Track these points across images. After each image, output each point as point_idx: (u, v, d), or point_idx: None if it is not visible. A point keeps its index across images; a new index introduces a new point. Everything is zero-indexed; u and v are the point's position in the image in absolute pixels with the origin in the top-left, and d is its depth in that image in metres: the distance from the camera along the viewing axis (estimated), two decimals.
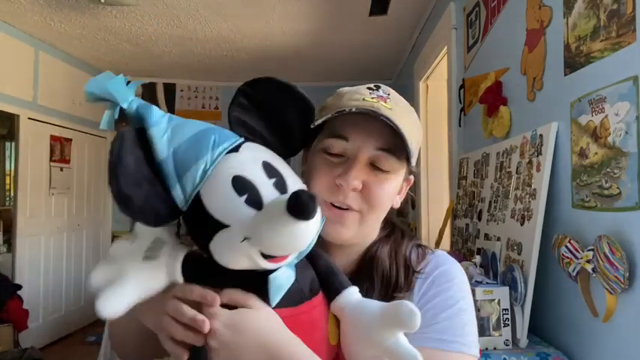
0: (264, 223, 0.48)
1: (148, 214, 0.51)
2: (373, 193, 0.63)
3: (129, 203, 0.49)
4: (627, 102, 0.95)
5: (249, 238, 0.49)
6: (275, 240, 0.48)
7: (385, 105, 0.63)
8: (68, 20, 3.22)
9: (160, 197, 0.51)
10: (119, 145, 0.50)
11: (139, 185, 0.50)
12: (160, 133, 0.52)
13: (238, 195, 0.50)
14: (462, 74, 2.19)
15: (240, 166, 0.52)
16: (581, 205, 1.11)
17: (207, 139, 0.53)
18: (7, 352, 2.86)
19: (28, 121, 3.51)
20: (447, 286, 0.67)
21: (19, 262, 3.46)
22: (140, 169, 0.51)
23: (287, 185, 0.53)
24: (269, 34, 3.44)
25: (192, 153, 0.52)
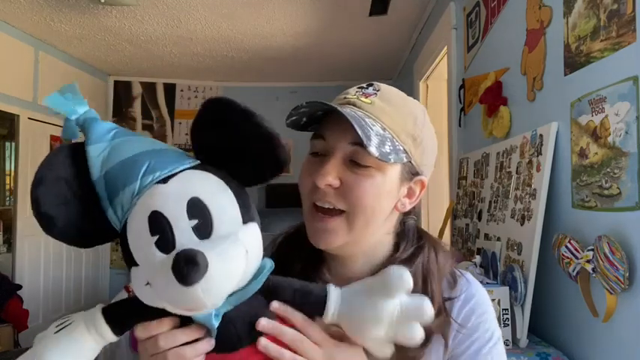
0: (160, 277, 0.44)
1: (73, 235, 0.50)
2: (351, 191, 0.60)
3: (50, 224, 0.48)
4: (627, 102, 0.95)
5: (151, 285, 0.46)
6: (170, 297, 0.45)
7: (364, 100, 0.62)
8: (68, 20, 3.22)
9: (90, 217, 0.49)
10: (45, 164, 0.49)
11: (66, 203, 0.48)
12: (97, 152, 0.50)
13: (150, 234, 0.46)
14: (461, 74, 2.19)
15: (163, 201, 0.47)
16: (581, 205, 1.11)
17: (139, 164, 0.49)
18: (7, 352, 2.86)
19: (28, 121, 3.51)
20: (483, 318, 0.66)
21: (19, 262, 3.46)
22: (70, 188, 0.49)
23: (212, 229, 0.47)
24: (269, 34, 3.44)
25: (122, 178, 0.49)
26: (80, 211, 0.49)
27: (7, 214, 3.55)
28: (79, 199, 0.49)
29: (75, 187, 0.49)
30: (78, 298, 4.19)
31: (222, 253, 0.45)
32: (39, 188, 0.47)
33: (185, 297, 0.44)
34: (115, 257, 4.74)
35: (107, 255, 4.71)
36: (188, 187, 0.49)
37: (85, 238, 0.51)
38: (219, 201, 0.49)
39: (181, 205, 0.47)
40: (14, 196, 3.50)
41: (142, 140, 0.52)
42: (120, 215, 0.49)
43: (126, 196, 0.48)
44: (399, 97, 0.66)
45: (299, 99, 3.25)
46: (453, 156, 2.27)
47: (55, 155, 0.50)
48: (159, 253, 0.45)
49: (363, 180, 0.60)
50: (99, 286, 4.56)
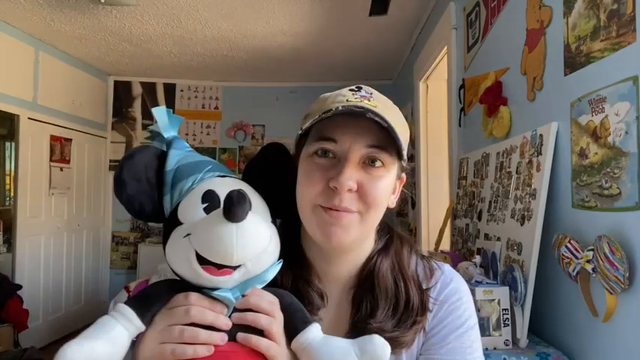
0: (204, 222, 0.54)
1: (133, 205, 0.61)
2: (369, 192, 0.62)
3: (122, 189, 0.59)
4: (627, 102, 0.95)
5: (190, 235, 0.54)
6: (206, 241, 0.53)
7: (369, 103, 0.62)
8: (68, 20, 3.22)
9: (150, 197, 0.61)
10: (139, 148, 0.62)
11: (138, 180, 0.60)
12: (176, 154, 0.63)
13: (201, 203, 0.57)
14: (462, 74, 2.19)
15: (217, 184, 0.59)
16: (581, 205, 1.11)
17: (205, 165, 0.62)
18: (7, 352, 2.86)
19: (28, 121, 3.51)
20: (456, 305, 0.69)
21: (19, 262, 3.46)
22: (146, 171, 0.61)
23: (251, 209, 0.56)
24: (269, 34, 3.44)
25: (189, 170, 0.61)
26: (146, 190, 0.61)
27: (7, 214, 3.55)
28: (148, 181, 0.61)
29: (150, 173, 0.62)
30: (78, 298, 4.19)
31: (257, 218, 0.56)
32: (127, 161, 0.60)
33: (222, 235, 0.52)
34: (114, 257, 4.75)
35: (107, 255, 4.71)
36: (238, 184, 0.61)
37: (142, 211, 0.61)
38: (256, 200, 0.61)
39: (230, 190, 0.55)
40: (14, 196, 3.50)
41: (208, 158, 0.66)
42: (176, 198, 0.60)
43: (188, 182, 0.60)
44: (388, 100, 0.68)
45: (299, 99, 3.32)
46: (453, 156, 2.27)
47: (147, 147, 0.63)
48: (203, 213, 0.56)
49: (378, 181, 0.63)
50: (99, 286, 4.56)
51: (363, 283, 0.69)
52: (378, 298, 0.67)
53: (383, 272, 0.68)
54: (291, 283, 0.67)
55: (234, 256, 0.53)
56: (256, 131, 4.81)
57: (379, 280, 0.68)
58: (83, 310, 4.22)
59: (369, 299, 0.67)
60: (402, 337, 0.65)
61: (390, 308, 0.66)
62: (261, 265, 0.57)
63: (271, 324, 0.56)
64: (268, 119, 4.75)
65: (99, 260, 4.59)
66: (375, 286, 0.68)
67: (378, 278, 0.68)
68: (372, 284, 0.68)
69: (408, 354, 0.67)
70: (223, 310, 0.56)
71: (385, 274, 0.68)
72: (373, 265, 0.69)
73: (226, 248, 0.52)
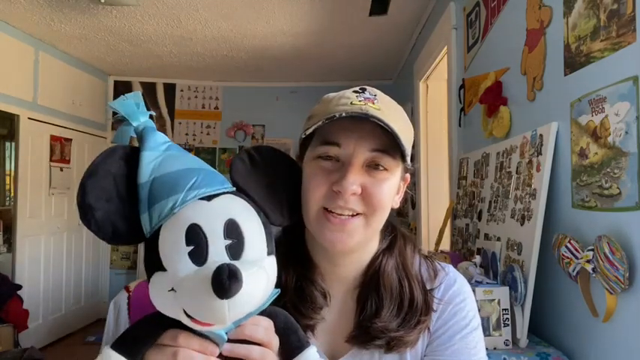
0: (190, 284, 0.47)
1: (106, 230, 0.52)
2: (373, 196, 0.62)
3: (88, 215, 0.51)
4: (627, 102, 0.95)
5: (175, 291, 0.48)
6: (194, 306, 0.47)
7: (373, 106, 0.62)
8: (68, 20, 3.22)
9: (125, 217, 0.52)
10: (102, 157, 0.52)
11: (107, 200, 0.51)
12: (150, 158, 0.53)
13: (186, 244, 0.48)
14: (462, 74, 2.19)
15: (203, 216, 0.50)
16: (581, 205, 1.11)
17: (188, 178, 0.52)
18: (7, 352, 2.86)
19: (28, 121, 3.51)
20: (461, 306, 0.69)
21: (19, 262, 3.46)
22: (117, 185, 0.52)
23: (243, 252, 0.50)
24: (269, 34, 3.44)
25: (168, 188, 0.51)
26: (119, 209, 0.52)
27: (7, 214, 3.55)
28: (120, 198, 0.52)
29: (120, 186, 0.52)
30: (78, 298, 4.19)
31: (252, 276, 0.48)
32: (89, 179, 0.51)
33: (212, 309, 0.46)
34: (114, 257, 4.74)
35: (107, 255, 4.71)
36: (228, 208, 0.52)
37: (117, 237, 0.53)
38: (252, 227, 0.52)
39: (220, 223, 0.49)
40: (14, 196, 3.50)
41: (192, 158, 0.56)
42: (155, 221, 0.51)
43: (168, 204, 0.50)
44: (392, 101, 0.68)
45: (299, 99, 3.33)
46: (453, 156, 2.27)
47: (111, 152, 0.53)
48: (190, 264, 0.48)
49: (382, 184, 0.63)
50: (99, 286, 4.56)
51: (368, 282, 0.69)
52: (383, 297, 0.67)
53: (388, 272, 0.69)
54: (295, 282, 0.67)
55: (226, 322, 0.48)
56: (256, 131, 4.81)
57: (384, 280, 0.68)
58: (83, 310, 4.22)
59: (374, 299, 0.67)
60: (407, 337, 0.65)
61: (394, 307, 0.67)
62: (254, 308, 0.52)
63: (264, 356, 0.54)
64: (268, 119, 4.75)
65: (99, 260, 4.59)
66: (380, 285, 0.68)
67: (383, 278, 0.68)
68: (377, 284, 0.68)
69: (412, 353, 0.67)
70: (214, 350, 0.52)
71: (390, 273, 0.69)
72: (378, 265, 0.69)
73: (218, 318, 0.47)
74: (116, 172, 0.52)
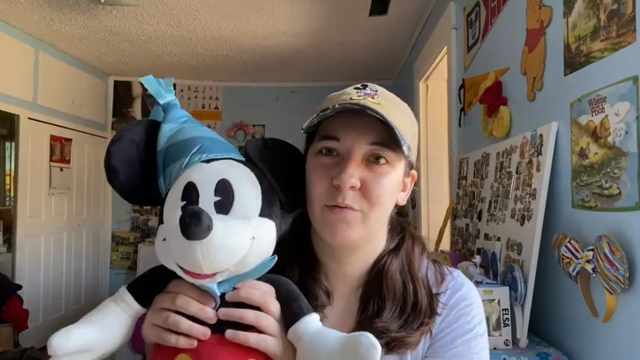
0: (173, 230, 0.50)
1: (127, 190, 0.58)
2: (372, 190, 0.62)
3: (113, 176, 0.57)
4: (627, 102, 0.95)
5: (165, 240, 0.52)
6: (175, 250, 0.51)
7: (373, 101, 0.62)
8: (68, 20, 3.22)
9: (144, 181, 0.58)
10: (127, 127, 0.59)
11: (129, 164, 0.57)
12: (168, 129, 0.59)
13: (181, 199, 0.54)
14: (462, 74, 2.19)
15: (199, 175, 0.55)
16: (581, 205, 1.11)
17: (194, 144, 0.58)
18: (7, 352, 2.86)
19: (28, 121, 3.51)
20: (466, 310, 0.68)
21: (19, 262, 3.46)
22: (138, 151, 0.58)
23: (231, 208, 0.54)
24: (269, 34, 3.44)
25: (177, 152, 0.57)
26: (140, 172, 0.58)
27: (7, 214, 3.54)
28: (141, 163, 0.58)
29: (142, 152, 0.59)
30: (78, 298, 4.19)
31: (228, 227, 0.51)
32: (115, 144, 0.57)
33: (186, 251, 0.50)
34: (115, 257, 4.75)
35: (107, 255, 4.71)
36: (224, 169, 0.56)
37: (137, 197, 0.59)
38: (244, 188, 0.56)
39: (212, 182, 0.54)
40: (14, 196, 3.50)
41: (204, 129, 0.62)
42: (167, 183, 0.57)
43: (175, 168, 0.57)
44: (395, 97, 0.67)
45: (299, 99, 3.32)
46: (453, 156, 2.27)
47: (137, 123, 0.60)
48: (180, 214, 0.51)
49: (381, 179, 0.62)
50: (99, 286, 4.56)
51: (372, 282, 0.69)
52: (386, 298, 0.67)
53: (392, 273, 0.68)
54: (299, 279, 0.67)
55: (203, 269, 0.51)
56: (256, 131, 4.81)
57: (387, 281, 0.67)
58: (83, 310, 4.16)
59: (376, 299, 0.67)
60: (408, 338, 0.64)
61: (397, 309, 0.66)
62: (247, 265, 0.55)
63: (259, 318, 0.55)
64: (268, 119, 4.75)
65: (99, 260, 4.59)
66: (383, 286, 0.67)
67: (387, 278, 0.68)
68: (380, 284, 0.68)
69: (413, 355, 0.67)
70: (210, 302, 0.55)
71: (394, 274, 0.68)
72: (382, 265, 0.69)
73: (193, 263, 0.50)
74: (139, 140, 0.58)
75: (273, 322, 0.57)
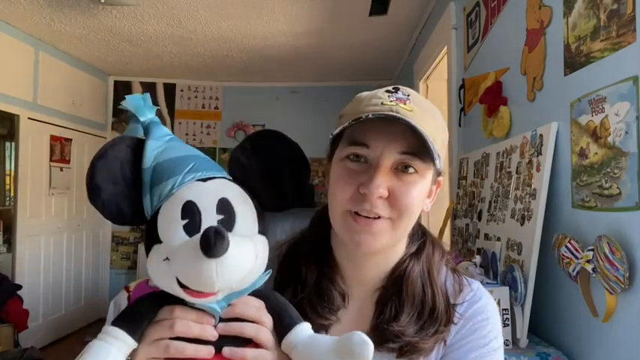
0: (182, 250, 0.50)
1: (110, 210, 0.56)
2: (400, 200, 0.60)
3: (96, 195, 0.55)
4: (627, 102, 0.95)
5: (169, 260, 0.51)
6: (185, 270, 0.50)
7: (405, 107, 0.60)
8: (68, 20, 3.22)
9: (129, 199, 0.57)
10: (111, 144, 0.56)
11: (114, 182, 0.56)
12: (154, 146, 0.58)
13: (181, 218, 0.52)
14: (462, 74, 2.19)
15: (198, 194, 0.54)
16: (581, 205, 1.11)
17: (186, 163, 0.57)
18: (7, 352, 2.86)
19: (28, 121, 3.52)
20: (482, 324, 0.67)
21: (19, 262, 3.46)
22: (122, 169, 0.56)
23: (234, 226, 0.54)
24: (269, 34, 3.44)
25: (168, 171, 0.56)
26: (124, 191, 0.56)
27: (7, 214, 3.55)
28: (125, 181, 0.57)
29: (126, 170, 0.57)
30: (78, 298, 4.19)
31: (240, 243, 0.51)
32: (99, 160, 0.55)
33: (201, 270, 0.49)
34: (114, 257, 4.75)
35: (107, 255, 4.71)
36: (222, 189, 0.56)
37: (120, 216, 0.57)
38: (243, 207, 0.56)
39: (213, 200, 0.54)
40: (14, 196, 3.50)
41: (191, 148, 0.61)
42: (155, 202, 0.55)
43: (167, 186, 0.55)
44: (427, 102, 0.66)
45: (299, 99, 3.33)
46: (453, 156, 2.27)
47: (120, 139, 0.57)
48: (184, 235, 0.51)
49: (410, 188, 0.61)
50: (99, 286, 4.56)
51: (391, 286, 0.68)
52: (405, 302, 0.66)
53: (413, 277, 0.67)
54: (315, 279, 0.67)
55: (215, 287, 0.51)
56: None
57: (407, 285, 0.66)
58: (83, 310, 4.22)
59: (394, 303, 0.66)
60: (422, 344, 0.63)
61: (414, 314, 0.65)
62: (246, 282, 0.55)
63: (258, 332, 0.55)
64: (268, 119, 4.75)
65: (99, 260, 4.59)
66: (403, 290, 0.66)
67: (407, 283, 0.67)
68: (400, 288, 0.67)
69: None
70: (210, 320, 0.54)
71: (415, 279, 0.67)
72: (404, 270, 0.68)
73: (206, 281, 0.50)
74: (123, 157, 0.57)
75: (270, 335, 0.56)
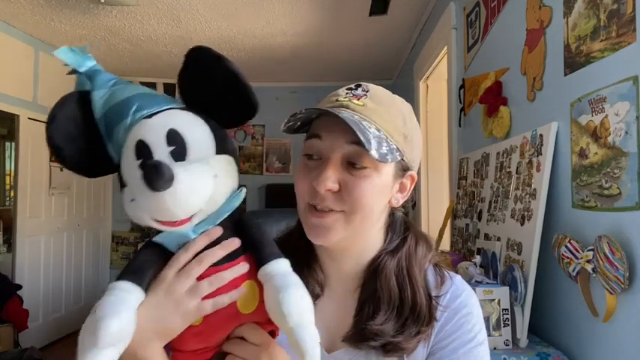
0: (139, 188, 0.52)
1: (83, 167, 0.58)
2: (351, 193, 0.61)
3: (61, 155, 0.56)
4: (627, 102, 0.95)
5: (135, 200, 0.53)
6: (145, 206, 0.52)
7: (356, 102, 0.62)
8: (68, 20, 3.22)
9: (93, 152, 0.58)
10: (56, 105, 0.57)
11: (72, 141, 0.57)
12: (99, 95, 0.58)
13: (136, 158, 0.54)
14: (462, 74, 2.19)
15: (147, 131, 0.55)
16: (581, 205, 1.11)
17: (130, 104, 0.57)
18: (7, 352, 2.86)
19: (28, 121, 3.51)
20: (467, 318, 0.68)
21: (19, 262, 3.46)
22: (77, 126, 0.57)
23: (186, 154, 0.55)
24: (269, 34, 3.44)
25: (117, 115, 0.57)
26: (86, 146, 0.57)
27: (7, 214, 3.55)
28: (84, 136, 0.57)
29: (81, 125, 0.57)
30: (78, 298, 4.19)
31: (189, 170, 0.53)
32: (51, 125, 0.56)
33: (156, 203, 0.51)
34: (114, 257, 4.75)
35: (107, 255, 4.71)
36: (168, 120, 0.57)
37: (91, 170, 0.59)
38: (194, 132, 0.57)
39: (161, 134, 0.55)
40: (14, 196, 3.50)
41: (136, 87, 0.61)
42: (117, 149, 0.57)
43: (120, 131, 0.56)
44: (388, 97, 0.67)
45: (299, 99, 3.34)
46: (453, 156, 2.27)
47: (66, 98, 0.58)
48: (140, 173, 0.52)
49: (361, 181, 0.62)
50: (99, 286, 4.56)
51: (368, 283, 0.68)
52: (381, 300, 0.66)
53: (386, 273, 0.67)
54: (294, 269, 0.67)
55: (178, 215, 0.53)
56: (256, 131, 4.81)
57: (382, 282, 0.67)
58: (83, 310, 4.22)
59: (372, 300, 0.66)
60: (404, 344, 0.64)
61: (392, 311, 0.65)
62: (217, 203, 0.57)
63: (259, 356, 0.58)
64: (268, 119, 4.75)
65: (99, 260, 4.59)
66: (378, 287, 0.67)
67: (381, 280, 0.67)
68: (374, 284, 0.67)
69: (411, 359, 0.66)
70: (217, 231, 0.57)
71: (389, 276, 0.67)
72: (377, 266, 0.68)
73: (167, 212, 0.52)
74: (74, 114, 0.57)
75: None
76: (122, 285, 0.54)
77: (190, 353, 0.58)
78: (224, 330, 0.59)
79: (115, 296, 0.52)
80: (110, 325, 0.48)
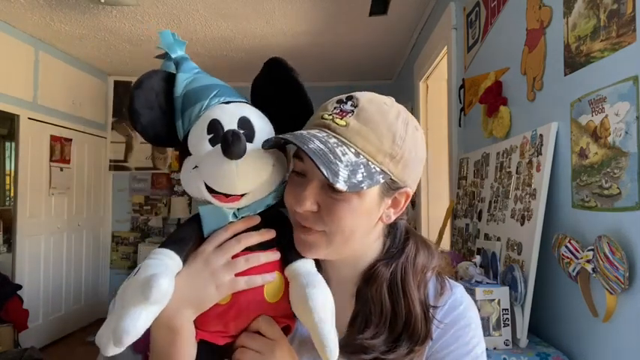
0: (208, 156, 0.59)
1: (149, 133, 0.64)
2: (329, 215, 0.59)
3: (136, 118, 0.62)
4: (627, 102, 0.95)
5: (197, 167, 0.59)
6: (209, 171, 0.58)
7: (339, 122, 0.58)
8: (68, 20, 3.22)
9: (164, 123, 0.64)
10: (147, 75, 0.64)
11: (150, 108, 0.63)
12: (184, 77, 0.66)
13: (207, 133, 0.60)
14: (462, 74, 2.19)
15: (223, 113, 0.62)
16: (581, 205, 1.11)
17: (212, 90, 0.64)
18: (7, 352, 2.86)
19: (28, 121, 3.52)
20: (465, 331, 0.66)
21: (19, 262, 3.46)
22: (157, 98, 0.64)
23: (254, 139, 0.61)
24: (269, 34, 3.44)
25: (196, 97, 0.63)
26: (159, 117, 0.64)
27: (7, 214, 3.56)
28: (160, 108, 0.64)
29: (160, 98, 0.64)
30: (78, 298, 4.19)
31: (258, 151, 0.60)
32: (137, 90, 0.62)
33: (222, 171, 0.57)
34: (114, 257, 4.75)
35: (107, 255, 4.71)
36: (243, 109, 0.64)
37: (157, 138, 0.65)
38: (261, 124, 0.64)
39: (235, 118, 0.62)
40: (14, 196, 3.50)
41: (216, 79, 0.69)
42: (186, 124, 0.63)
43: (195, 109, 0.63)
44: (378, 113, 0.60)
45: None
46: (453, 156, 2.27)
47: (154, 72, 0.65)
48: (209, 146, 0.60)
49: (339, 204, 0.59)
50: (99, 286, 4.56)
51: (361, 291, 0.67)
52: (372, 312, 0.64)
53: (378, 285, 0.65)
54: None
55: (237, 188, 0.59)
56: None
57: (372, 293, 0.65)
58: (83, 310, 4.22)
59: (364, 312, 0.65)
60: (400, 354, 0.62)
61: (384, 326, 0.63)
62: (267, 189, 0.63)
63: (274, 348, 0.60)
64: None
65: (99, 260, 4.59)
66: (369, 298, 0.65)
67: (372, 291, 0.65)
68: (365, 297, 0.65)
69: None
70: (256, 219, 0.63)
71: (380, 287, 0.65)
72: (369, 276, 0.66)
73: (229, 182, 0.58)
74: (157, 87, 0.64)
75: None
76: (165, 252, 0.58)
77: (209, 333, 0.61)
78: (246, 316, 0.61)
79: (160, 260, 0.57)
80: (162, 283, 0.52)
